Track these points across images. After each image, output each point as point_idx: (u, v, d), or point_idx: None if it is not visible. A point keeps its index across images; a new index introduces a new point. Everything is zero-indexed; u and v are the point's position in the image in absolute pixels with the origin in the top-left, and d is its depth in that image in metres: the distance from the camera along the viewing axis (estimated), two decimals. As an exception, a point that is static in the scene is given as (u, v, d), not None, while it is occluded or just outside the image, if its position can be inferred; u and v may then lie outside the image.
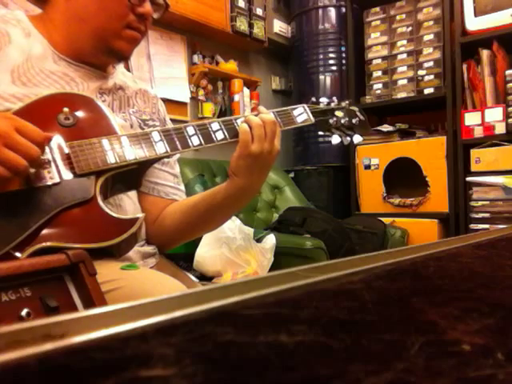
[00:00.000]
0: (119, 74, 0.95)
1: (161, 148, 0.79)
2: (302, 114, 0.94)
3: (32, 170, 0.68)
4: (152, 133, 0.79)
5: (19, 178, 0.66)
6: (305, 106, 0.96)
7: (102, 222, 0.71)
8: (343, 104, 1.03)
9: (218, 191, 0.88)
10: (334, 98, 1.03)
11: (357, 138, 1.03)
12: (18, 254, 0.63)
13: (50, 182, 0.69)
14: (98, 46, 0.85)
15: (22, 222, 0.66)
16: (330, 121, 0.99)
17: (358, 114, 1.04)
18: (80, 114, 0.77)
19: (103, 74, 0.91)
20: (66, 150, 0.73)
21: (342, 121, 1.01)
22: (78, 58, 0.86)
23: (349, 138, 1.03)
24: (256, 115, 0.85)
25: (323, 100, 1.01)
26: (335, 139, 1.02)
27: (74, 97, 0.81)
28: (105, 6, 0.82)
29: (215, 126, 0.84)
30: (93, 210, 0.71)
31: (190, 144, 0.81)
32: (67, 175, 0.71)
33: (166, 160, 0.96)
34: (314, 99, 1.00)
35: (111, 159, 0.74)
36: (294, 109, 0.94)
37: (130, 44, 0.87)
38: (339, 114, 1.01)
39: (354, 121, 1.02)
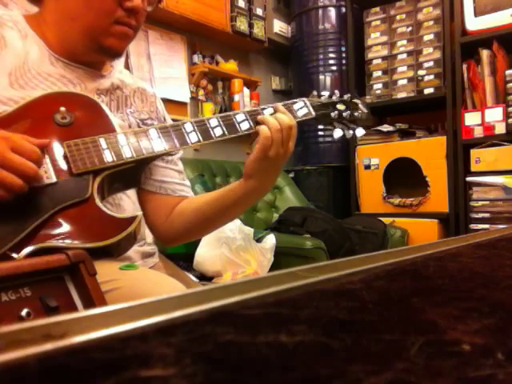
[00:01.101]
0: (116, 73, 0.95)
1: (158, 146, 0.78)
2: (302, 108, 0.93)
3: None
4: (149, 130, 0.79)
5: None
6: (305, 99, 0.95)
7: (99, 222, 0.71)
8: (345, 97, 1.01)
9: (230, 191, 0.89)
10: (336, 92, 1.02)
11: (359, 131, 1.01)
12: (14, 255, 0.63)
13: (46, 182, 0.69)
14: (89, 45, 0.84)
15: (19, 222, 0.65)
16: (332, 114, 0.98)
17: (361, 106, 1.02)
18: (77, 112, 0.77)
19: (100, 73, 0.90)
20: (63, 150, 0.72)
21: (344, 114, 0.99)
22: (72, 57, 0.86)
23: (351, 131, 1.01)
24: (273, 113, 0.85)
25: (324, 93, 1.00)
26: (337, 133, 1.00)
27: (71, 96, 0.80)
28: (92, 3, 0.81)
29: (214, 122, 0.83)
30: (90, 210, 0.71)
31: (188, 141, 0.80)
32: (64, 175, 0.71)
33: (169, 157, 0.96)
34: (315, 93, 0.99)
35: (108, 158, 0.73)
36: (295, 103, 0.93)
37: (121, 40, 0.85)
38: (341, 107, 0.99)
39: (356, 114, 1.01)
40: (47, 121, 0.74)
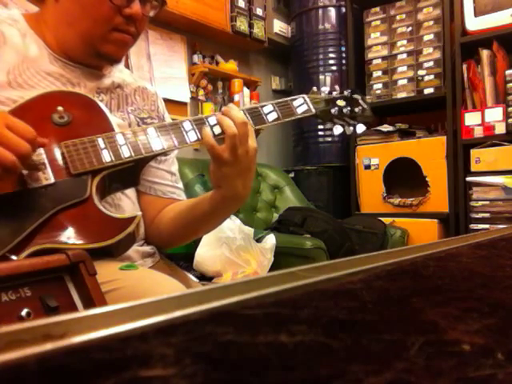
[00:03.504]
0: (117, 72, 0.94)
1: (157, 144, 0.77)
2: (302, 105, 0.92)
3: (25, 172, 0.67)
4: (148, 129, 0.78)
5: (9, 176, 0.64)
6: (305, 96, 0.94)
7: (98, 222, 0.71)
8: (345, 93, 0.99)
9: (201, 201, 0.87)
10: (336, 87, 1.01)
11: (360, 128, 1.00)
12: (13, 257, 0.63)
13: (44, 183, 0.68)
14: (87, 50, 0.83)
15: (18, 224, 0.65)
16: (332, 110, 0.97)
17: (361, 102, 1.01)
18: (75, 112, 0.76)
19: (100, 73, 0.89)
20: (61, 150, 0.72)
21: (344, 110, 0.98)
22: (71, 59, 0.85)
23: (352, 128, 1.00)
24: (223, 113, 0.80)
25: (324, 89, 0.98)
26: (337, 129, 0.98)
27: (69, 95, 0.79)
28: (89, 10, 0.79)
29: (212, 120, 0.81)
30: (89, 210, 0.70)
31: (187, 140, 0.79)
32: (62, 175, 0.70)
33: (163, 158, 0.95)
34: (315, 89, 0.97)
35: (106, 158, 0.73)
36: (294, 100, 0.92)
37: (119, 47, 0.84)
38: (341, 103, 0.98)
39: (356, 110, 0.99)
40: (45, 120, 0.74)
